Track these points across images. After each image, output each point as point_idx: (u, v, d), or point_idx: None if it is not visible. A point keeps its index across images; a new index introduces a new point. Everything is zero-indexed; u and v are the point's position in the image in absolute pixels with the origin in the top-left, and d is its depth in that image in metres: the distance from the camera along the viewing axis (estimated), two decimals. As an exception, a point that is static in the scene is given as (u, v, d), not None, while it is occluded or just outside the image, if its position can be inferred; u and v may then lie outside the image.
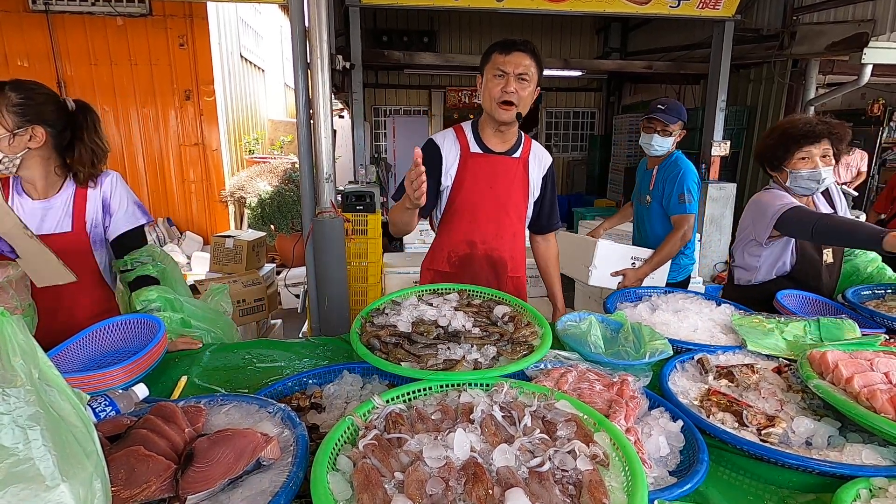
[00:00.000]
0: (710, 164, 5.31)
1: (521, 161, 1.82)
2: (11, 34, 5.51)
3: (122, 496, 0.70)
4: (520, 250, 1.92)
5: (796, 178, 1.85)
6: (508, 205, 1.82)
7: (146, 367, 1.23)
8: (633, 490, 0.70)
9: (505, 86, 1.64)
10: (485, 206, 1.80)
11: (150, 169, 6.20)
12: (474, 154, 1.78)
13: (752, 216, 1.93)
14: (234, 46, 6.88)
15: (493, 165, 1.79)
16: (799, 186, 1.86)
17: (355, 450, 0.80)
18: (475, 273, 1.81)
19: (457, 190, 1.79)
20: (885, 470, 0.86)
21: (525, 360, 1.08)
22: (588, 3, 4.57)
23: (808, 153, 1.82)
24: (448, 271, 1.86)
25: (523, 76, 1.64)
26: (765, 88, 6.25)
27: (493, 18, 8.66)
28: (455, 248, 1.84)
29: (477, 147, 1.79)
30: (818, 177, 1.82)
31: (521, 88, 1.65)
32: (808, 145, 1.81)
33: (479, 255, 1.84)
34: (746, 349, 1.33)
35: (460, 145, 1.78)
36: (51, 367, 0.67)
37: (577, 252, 2.39)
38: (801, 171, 1.83)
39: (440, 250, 1.88)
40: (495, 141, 1.80)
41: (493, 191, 1.79)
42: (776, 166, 1.91)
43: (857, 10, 4.64)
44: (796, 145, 1.82)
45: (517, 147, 1.83)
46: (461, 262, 1.85)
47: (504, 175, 1.80)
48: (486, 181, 1.78)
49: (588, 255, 2.29)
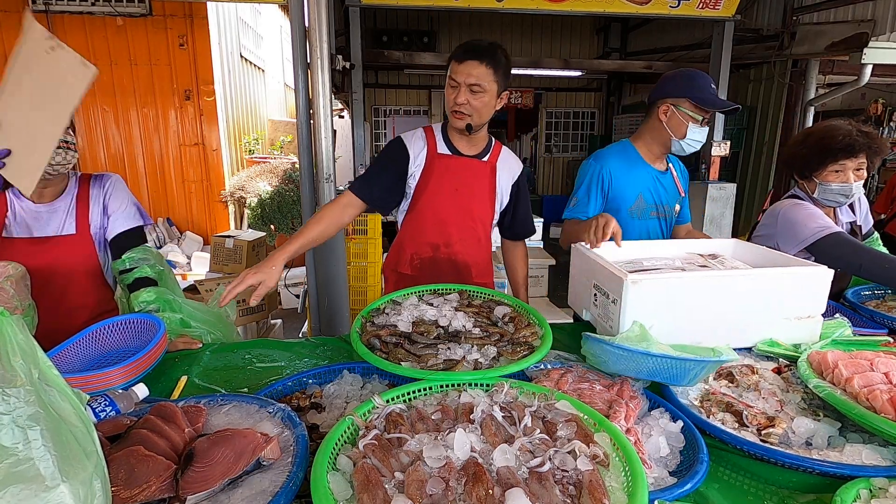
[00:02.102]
0: (710, 164, 5.31)
1: (488, 165, 1.78)
2: (11, 34, 5.50)
3: (122, 496, 0.70)
4: (485, 255, 1.88)
5: (825, 190, 1.76)
6: (473, 209, 1.78)
7: (146, 367, 1.23)
8: (633, 490, 0.70)
9: (456, 96, 1.60)
10: (449, 209, 1.75)
11: (150, 169, 6.20)
12: (441, 155, 1.73)
13: (778, 229, 1.80)
14: (234, 46, 6.88)
15: (459, 168, 1.74)
16: (826, 199, 1.78)
17: (355, 450, 0.80)
18: (438, 277, 1.74)
19: (421, 190, 1.74)
20: (885, 470, 0.86)
21: (525, 361, 1.08)
22: (588, 3, 4.57)
23: (843, 167, 1.72)
24: (410, 274, 1.80)
25: (475, 87, 1.57)
26: (765, 88, 6.26)
27: (493, 18, 8.66)
28: (418, 250, 1.80)
29: (445, 149, 1.74)
30: (848, 192, 1.74)
31: (473, 98, 1.59)
32: (844, 159, 1.71)
33: (442, 258, 1.79)
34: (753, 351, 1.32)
35: (428, 146, 1.73)
36: (51, 367, 0.67)
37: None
38: (832, 184, 1.74)
39: (403, 252, 1.82)
40: (463, 143, 1.75)
41: (457, 194, 1.75)
42: (806, 175, 1.81)
43: (857, 10, 4.64)
44: (832, 158, 1.72)
45: (486, 151, 1.78)
46: (424, 265, 1.80)
47: (471, 179, 1.76)
48: (451, 184, 1.74)
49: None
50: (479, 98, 1.60)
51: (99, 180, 1.64)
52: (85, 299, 1.60)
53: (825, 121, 1.85)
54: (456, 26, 8.76)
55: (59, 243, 1.53)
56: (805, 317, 1.32)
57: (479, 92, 1.59)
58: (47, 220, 1.54)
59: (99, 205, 1.61)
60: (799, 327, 1.32)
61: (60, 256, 1.53)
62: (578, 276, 1.52)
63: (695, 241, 1.70)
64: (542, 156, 10.90)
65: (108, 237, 1.63)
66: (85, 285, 1.60)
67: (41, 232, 1.52)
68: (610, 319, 1.29)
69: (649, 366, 1.06)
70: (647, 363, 1.06)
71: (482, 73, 1.57)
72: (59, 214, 1.55)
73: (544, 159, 10.92)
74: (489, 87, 1.60)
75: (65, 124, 1.34)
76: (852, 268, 1.63)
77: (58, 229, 1.54)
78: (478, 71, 1.56)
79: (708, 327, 1.28)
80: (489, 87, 1.59)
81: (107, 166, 6.05)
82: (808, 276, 1.30)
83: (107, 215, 1.63)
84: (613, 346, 1.08)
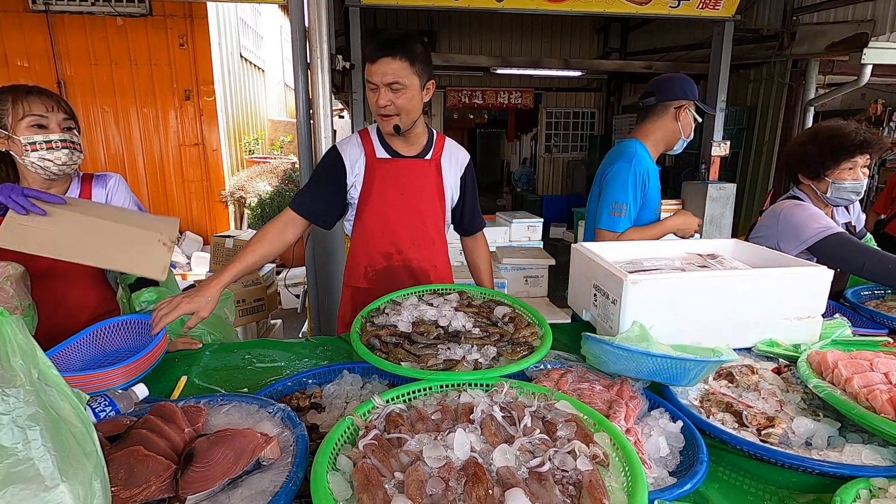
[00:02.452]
0: (710, 164, 5.31)
1: (432, 163, 1.70)
2: (11, 34, 5.51)
3: (121, 496, 0.70)
4: (442, 258, 1.80)
5: (839, 188, 1.76)
6: (423, 211, 1.69)
7: (146, 367, 1.23)
8: (632, 490, 0.70)
9: (377, 98, 1.51)
10: (397, 215, 1.67)
11: (150, 169, 6.20)
12: (381, 160, 1.65)
13: (779, 230, 1.79)
14: (234, 46, 6.88)
15: (402, 171, 1.66)
16: (839, 198, 1.78)
17: (355, 450, 0.80)
18: (396, 287, 1.63)
19: (365, 199, 1.66)
20: (884, 470, 0.86)
21: (525, 361, 1.08)
22: (588, 3, 4.57)
23: (854, 164, 1.74)
24: (366, 287, 1.72)
25: (394, 85, 1.48)
26: (765, 88, 6.26)
27: (493, 18, 8.67)
28: (372, 262, 1.72)
29: (384, 152, 1.66)
30: (859, 188, 1.75)
31: (396, 97, 1.50)
32: (859, 155, 1.73)
33: (397, 266, 1.71)
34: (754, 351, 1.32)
35: (365, 151, 1.65)
36: (50, 367, 0.67)
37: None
38: (846, 182, 1.75)
39: (356, 266, 1.74)
40: (401, 144, 1.67)
41: (404, 197, 1.66)
42: (818, 175, 1.80)
43: (857, 11, 4.64)
44: (846, 155, 1.73)
45: (428, 149, 1.70)
46: (379, 276, 1.72)
47: (415, 180, 1.68)
48: (395, 188, 1.65)
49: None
50: (401, 96, 1.50)
51: (101, 180, 1.64)
52: (86, 299, 1.60)
53: (827, 120, 1.86)
54: (456, 26, 8.76)
55: None
56: (805, 317, 1.32)
57: (400, 89, 1.49)
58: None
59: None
60: (799, 327, 1.32)
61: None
62: (578, 277, 1.52)
63: (695, 241, 1.70)
64: (542, 156, 10.90)
65: None
66: (86, 285, 1.59)
67: None
68: (610, 319, 1.29)
69: (649, 366, 1.06)
70: (647, 363, 1.06)
71: (398, 69, 1.47)
72: None
73: (544, 159, 10.92)
74: (410, 83, 1.50)
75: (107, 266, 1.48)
76: (854, 267, 1.63)
77: None
78: (393, 67, 1.47)
79: (708, 327, 1.28)
80: (409, 81, 1.50)
81: (107, 166, 6.05)
82: (807, 277, 1.30)
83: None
84: (613, 346, 1.08)
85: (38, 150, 1.40)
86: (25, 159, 1.41)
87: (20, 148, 1.39)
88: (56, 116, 1.43)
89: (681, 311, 1.26)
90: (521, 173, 12.15)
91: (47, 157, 1.41)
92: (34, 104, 1.40)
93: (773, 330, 1.32)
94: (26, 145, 1.39)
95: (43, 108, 1.40)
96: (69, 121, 1.46)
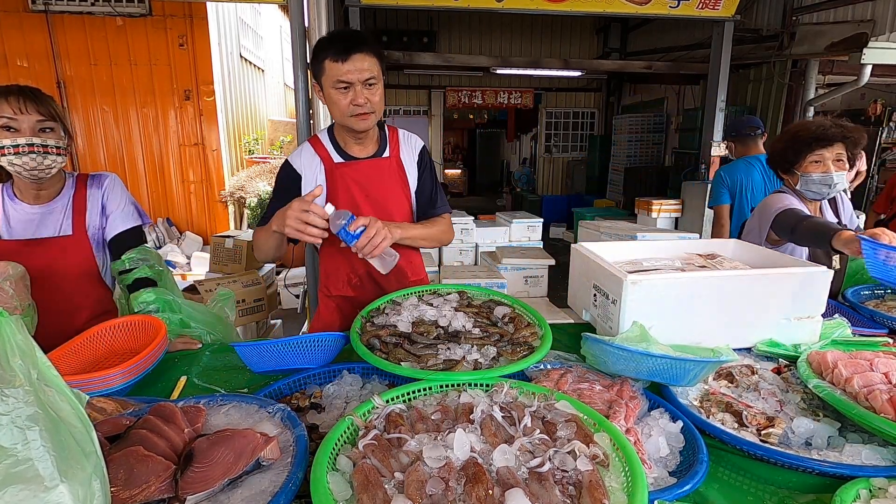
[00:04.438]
0: (709, 164, 5.31)
1: (392, 160, 1.65)
2: (11, 34, 5.50)
3: (121, 496, 0.70)
4: (416, 254, 1.78)
5: (807, 181, 1.83)
6: (391, 209, 1.64)
7: (146, 368, 1.23)
8: (632, 490, 0.70)
9: (354, 98, 1.44)
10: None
11: (149, 169, 6.20)
12: (339, 165, 1.59)
13: (757, 217, 1.92)
14: (234, 47, 6.87)
15: (363, 173, 1.61)
16: (810, 190, 1.84)
17: (355, 450, 0.80)
18: (381, 289, 1.63)
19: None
20: (884, 470, 0.86)
21: (525, 361, 1.08)
22: (588, 3, 4.57)
23: (821, 157, 1.79)
24: (353, 295, 1.69)
25: (370, 81, 1.44)
26: (765, 88, 6.26)
27: (492, 18, 8.67)
28: (353, 267, 1.66)
29: (339, 157, 1.60)
30: (829, 181, 1.79)
31: (371, 94, 1.45)
32: (820, 149, 1.78)
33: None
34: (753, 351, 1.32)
35: (321, 158, 1.59)
36: (50, 367, 0.67)
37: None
38: (812, 174, 1.81)
39: (336, 275, 1.69)
40: (357, 148, 1.62)
41: (370, 199, 1.61)
42: (788, 170, 1.89)
43: (857, 11, 4.64)
44: (808, 149, 1.80)
45: (384, 147, 1.66)
46: (363, 282, 1.68)
47: (378, 179, 1.63)
48: (360, 190, 1.60)
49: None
50: (376, 92, 1.47)
51: (96, 180, 1.62)
52: (83, 300, 1.59)
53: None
54: (456, 26, 8.77)
55: (55, 245, 1.52)
56: (805, 317, 1.32)
57: (374, 85, 1.46)
58: (43, 222, 1.53)
59: (97, 205, 1.60)
60: (799, 327, 1.32)
61: (57, 258, 1.52)
62: (578, 277, 1.51)
63: (695, 242, 1.71)
64: (541, 156, 10.91)
65: (106, 237, 1.63)
66: (83, 286, 1.59)
67: (37, 233, 1.51)
68: (610, 320, 1.29)
69: (649, 366, 1.06)
70: (647, 363, 1.06)
71: (371, 64, 1.43)
72: (56, 215, 1.54)
73: (544, 159, 10.93)
74: (379, 77, 1.47)
75: None
76: (787, 233, 1.74)
77: (54, 231, 1.53)
78: (367, 63, 1.42)
79: (708, 327, 1.28)
80: (379, 76, 1.47)
81: (106, 166, 6.05)
82: (807, 277, 1.30)
83: (105, 215, 1.62)
84: (613, 346, 1.08)
85: (7, 154, 1.37)
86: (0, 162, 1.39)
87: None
88: (29, 119, 1.38)
89: (681, 311, 1.26)
90: (520, 173, 12.16)
91: (15, 162, 1.38)
92: (3, 106, 1.36)
93: (773, 330, 1.32)
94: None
95: (11, 111, 1.36)
96: (46, 122, 1.41)
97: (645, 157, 8.84)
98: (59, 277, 1.53)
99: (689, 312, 1.27)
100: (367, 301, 1.47)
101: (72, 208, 1.57)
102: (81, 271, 1.57)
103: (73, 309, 1.57)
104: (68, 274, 1.55)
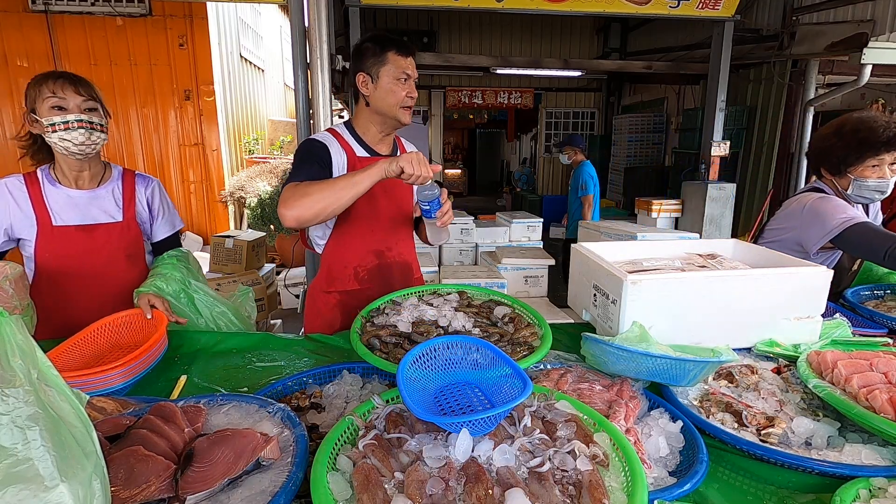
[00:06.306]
0: (709, 164, 5.31)
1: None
2: (11, 34, 5.50)
3: (121, 496, 0.70)
4: (414, 251, 1.87)
5: (861, 186, 1.68)
6: (403, 207, 1.76)
7: (146, 367, 1.23)
8: (632, 490, 0.70)
9: (410, 91, 1.58)
10: (384, 213, 1.71)
11: (149, 169, 6.19)
12: (363, 159, 1.65)
13: (802, 221, 1.73)
14: (234, 46, 6.87)
15: None
16: (860, 196, 1.70)
17: (355, 450, 0.80)
18: (388, 284, 1.68)
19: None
20: (884, 470, 0.86)
21: (525, 361, 1.08)
22: (588, 3, 4.57)
23: (882, 161, 1.64)
24: (358, 288, 1.71)
25: (416, 80, 1.62)
26: (764, 88, 6.25)
27: (492, 18, 8.67)
28: (362, 261, 1.71)
29: (364, 152, 1.67)
30: (884, 187, 1.66)
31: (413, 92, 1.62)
32: (885, 153, 1.63)
33: (388, 263, 1.74)
34: (753, 351, 1.32)
35: (345, 150, 1.65)
36: (50, 367, 0.67)
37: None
38: (869, 180, 1.67)
39: (342, 267, 1.71)
40: (382, 145, 1.70)
41: (388, 194, 1.69)
42: (840, 170, 1.72)
43: (857, 11, 4.64)
44: (873, 152, 1.64)
45: (396, 150, 1.77)
46: (371, 274, 1.72)
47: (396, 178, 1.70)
48: (380, 186, 1.58)
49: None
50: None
51: (143, 180, 1.74)
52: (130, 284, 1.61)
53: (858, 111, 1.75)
54: (456, 26, 8.76)
55: (110, 230, 1.61)
56: (805, 317, 1.32)
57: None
58: (92, 207, 1.60)
59: (143, 202, 1.71)
60: (798, 327, 1.32)
61: (110, 242, 1.61)
62: (578, 277, 1.52)
63: (695, 242, 1.70)
64: (542, 156, 10.90)
65: (152, 240, 1.75)
66: (130, 270, 1.67)
67: (87, 219, 1.59)
68: (610, 320, 1.29)
69: (649, 366, 1.06)
70: (647, 363, 1.06)
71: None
72: (103, 201, 1.63)
73: (544, 159, 10.92)
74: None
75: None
76: (877, 255, 1.54)
77: (106, 216, 1.62)
78: (414, 63, 1.61)
79: (708, 327, 1.28)
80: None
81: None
82: (807, 277, 1.30)
83: (152, 216, 1.73)
84: (613, 346, 1.08)
85: (58, 130, 1.46)
86: (49, 140, 1.48)
87: (44, 129, 1.47)
88: (75, 99, 1.48)
89: (681, 311, 1.26)
90: (520, 173, 12.16)
91: (65, 138, 1.47)
92: (55, 87, 1.46)
93: (773, 330, 1.32)
94: (47, 126, 1.46)
95: (62, 91, 1.46)
96: (90, 102, 1.51)
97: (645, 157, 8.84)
98: (107, 261, 1.61)
99: (689, 312, 1.27)
100: (372, 295, 1.53)
101: (122, 196, 1.66)
102: (134, 256, 1.67)
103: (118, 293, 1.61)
104: (116, 258, 1.63)
